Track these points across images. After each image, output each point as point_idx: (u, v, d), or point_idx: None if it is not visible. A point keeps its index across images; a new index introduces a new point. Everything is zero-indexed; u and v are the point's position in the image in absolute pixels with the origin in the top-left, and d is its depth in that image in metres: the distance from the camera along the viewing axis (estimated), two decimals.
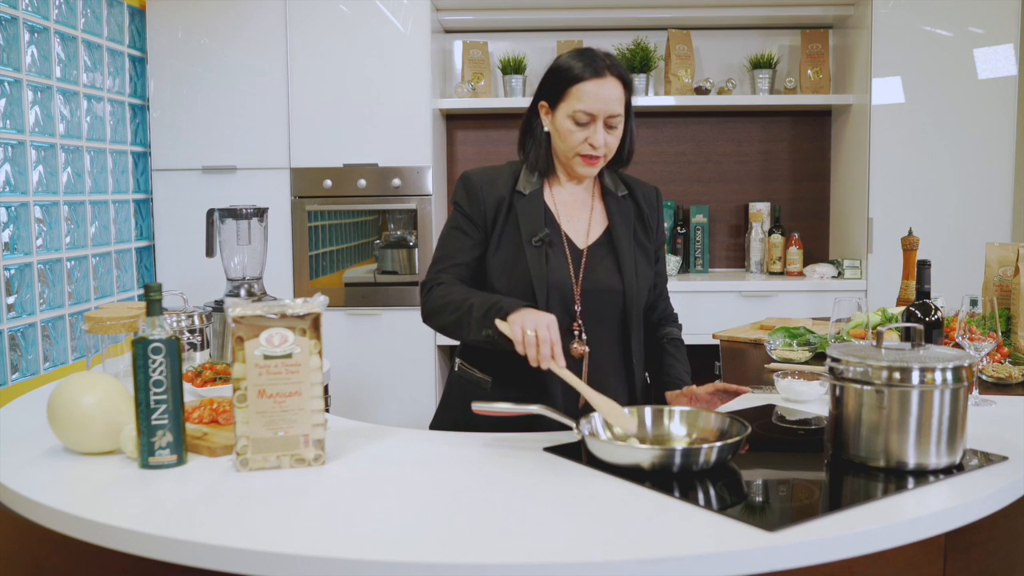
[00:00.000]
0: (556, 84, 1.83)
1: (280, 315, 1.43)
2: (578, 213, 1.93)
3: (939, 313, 2.08)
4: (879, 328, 1.48)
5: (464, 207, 1.90)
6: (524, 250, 1.84)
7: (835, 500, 1.34)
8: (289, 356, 1.43)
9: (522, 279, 1.83)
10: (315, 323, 1.45)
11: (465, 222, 1.89)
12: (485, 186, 1.89)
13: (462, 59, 4.18)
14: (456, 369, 1.96)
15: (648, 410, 1.58)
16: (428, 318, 1.87)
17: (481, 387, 1.88)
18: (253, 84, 3.74)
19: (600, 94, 1.79)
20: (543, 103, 1.88)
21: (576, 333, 1.85)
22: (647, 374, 2.03)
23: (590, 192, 1.96)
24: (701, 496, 1.30)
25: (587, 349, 1.85)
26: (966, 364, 1.40)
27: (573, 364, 1.82)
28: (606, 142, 1.82)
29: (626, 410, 1.55)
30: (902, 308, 2.35)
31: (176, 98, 3.75)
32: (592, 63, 1.80)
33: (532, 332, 1.59)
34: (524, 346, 1.59)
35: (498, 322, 1.65)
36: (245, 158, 3.77)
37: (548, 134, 1.88)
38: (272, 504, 1.30)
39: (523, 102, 4.03)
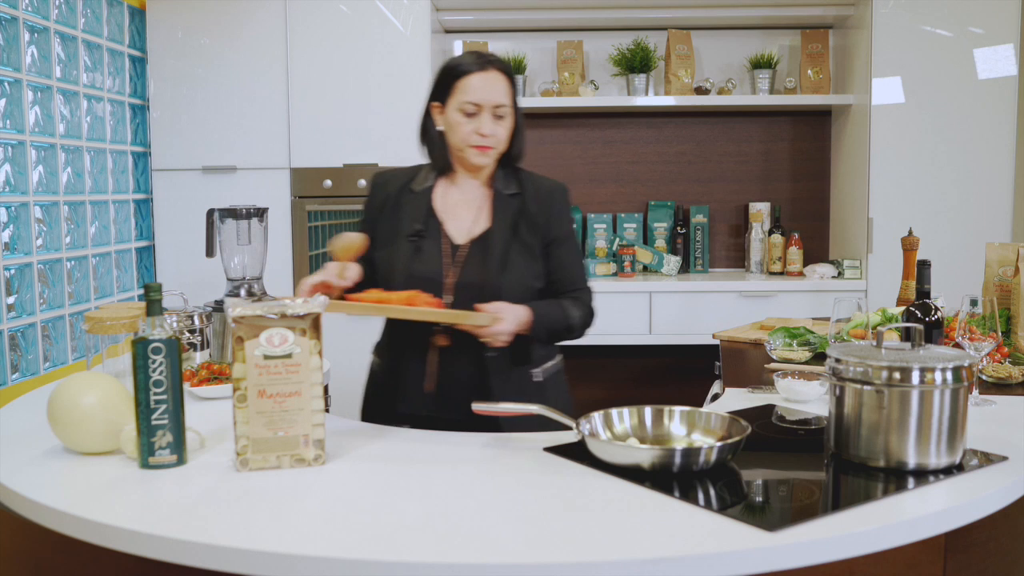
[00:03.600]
0: (444, 81, 1.95)
1: (280, 315, 1.43)
2: (463, 211, 2.00)
3: (939, 313, 2.08)
4: (879, 328, 1.48)
5: (364, 209, 2.08)
6: (400, 245, 1.96)
7: (835, 500, 1.34)
8: (289, 356, 1.43)
9: (393, 272, 1.95)
10: (315, 323, 1.45)
11: (361, 222, 2.06)
12: (379, 186, 2.05)
13: None
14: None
15: (648, 410, 1.58)
16: None
17: (373, 369, 2.09)
18: (253, 84, 3.74)
19: (484, 85, 1.90)
20: (435, 103, 1.98)
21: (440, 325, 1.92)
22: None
23: (482, 192, 2.02)
24: (701, 496, 1.30)
25: (448, 340, 1.92)
26: (966, 364, 1.40)
27: (434, 353, 1.94)
28: (494, 131, 1.92)
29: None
30: (902, 308, 2.35)
31: (176, 98, 3.75)
32: (477, 59, 1.93)
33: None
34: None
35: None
36: (245, 158, 3.77)
37: (442, 132, 1.98)
38: (272, 504, 1.30)
39: (523, 102, 4.02)
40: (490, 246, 1.95)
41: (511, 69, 1.98)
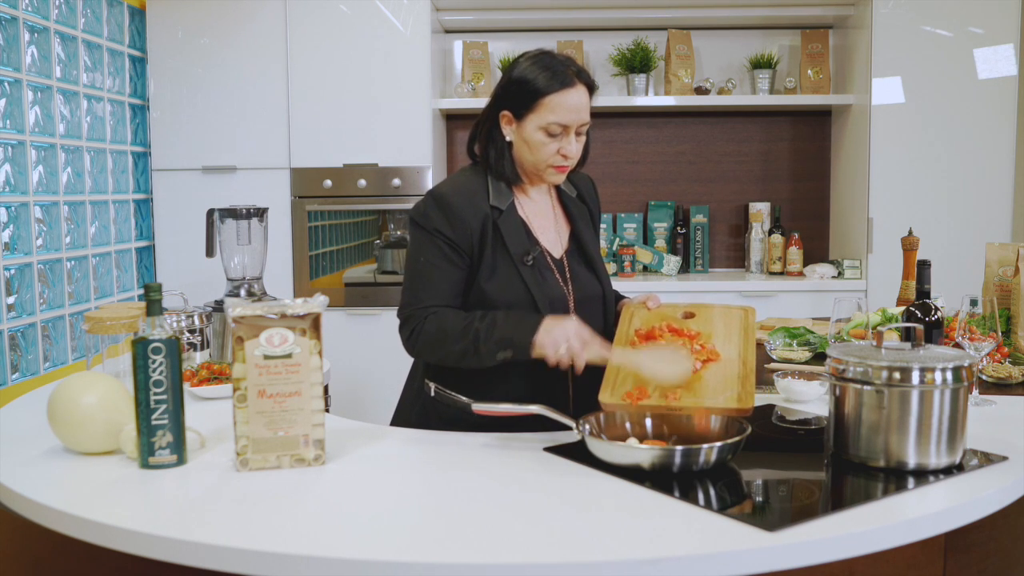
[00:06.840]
0: (522, 96, 1.77)
1: (280, 315, 1.43)
2: (546, 223, 1.90)
3: (939, 313, 2.08)
4: (879, 328, 1.48)
5: (447, 234, 1.77)
6: (517, 271, 1.79)
7: (835, 500, 1.34)
8: (289, 356, 1.43)
9: (523, 302, 1.78)
10: (315, 323, 1.45)
11: (451, 252, 1.77)
12: (466, 207, 1.78)
13: (462, 59, 4.18)
14: (432, 395, 1.69)
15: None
16: (420, 352, 1.80)
17: (467, 411, 1.63)
18: (253, 84, 3.74)
19: (572, 104, 1.75)
20: (505, 113, 1.81)
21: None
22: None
23: (549, 197, 1.94)
24: (701, 496, 1.30)
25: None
26: (966, 364, 1.40)
27: (572, 372, 1.80)
28: (578, 151, 1.81)
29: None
30: (902, 308, 2.35)
31: (176, 98, 3.75)
32: (559, 73, 1.75)
33: (565, 349, 1.63)
34: (561, 363, 1.64)
35: (535, 354, 1.65)
36: (245, 158, 3.77)
37: (510, 143, 1.83)
38: (272, 504, 1.30)
39: None
40: (583, 254, 1.91)
41: (591, 78, 1.81)
